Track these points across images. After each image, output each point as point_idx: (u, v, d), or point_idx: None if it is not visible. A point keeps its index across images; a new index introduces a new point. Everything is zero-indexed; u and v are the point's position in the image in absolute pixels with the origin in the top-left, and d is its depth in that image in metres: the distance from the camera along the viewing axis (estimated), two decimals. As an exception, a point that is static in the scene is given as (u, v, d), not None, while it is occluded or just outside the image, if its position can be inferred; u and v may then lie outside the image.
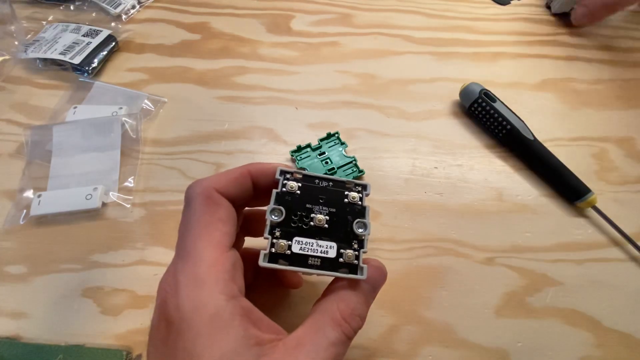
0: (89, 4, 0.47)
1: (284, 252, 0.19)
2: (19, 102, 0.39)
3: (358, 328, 0.19)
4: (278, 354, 0.17)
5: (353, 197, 0.21)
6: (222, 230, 0.19)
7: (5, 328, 0.27)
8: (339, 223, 0.20)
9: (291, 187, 0.20)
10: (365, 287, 0.19)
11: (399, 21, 0.47)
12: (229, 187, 0.20)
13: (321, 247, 0.19)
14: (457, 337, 0.28)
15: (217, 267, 0.17)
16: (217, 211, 0.19)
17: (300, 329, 0.18)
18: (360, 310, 0.19)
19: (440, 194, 0.34)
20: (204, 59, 0.43)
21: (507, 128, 0.35)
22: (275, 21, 0.47)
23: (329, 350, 0.17)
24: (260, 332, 0.17)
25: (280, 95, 0.40)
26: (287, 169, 0.21)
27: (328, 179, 0.21)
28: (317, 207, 0.20)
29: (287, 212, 0.19)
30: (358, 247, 0.19)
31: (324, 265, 0.19)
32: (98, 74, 0.41)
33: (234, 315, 0.17)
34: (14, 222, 0.32)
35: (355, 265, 0.19)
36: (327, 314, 0.18)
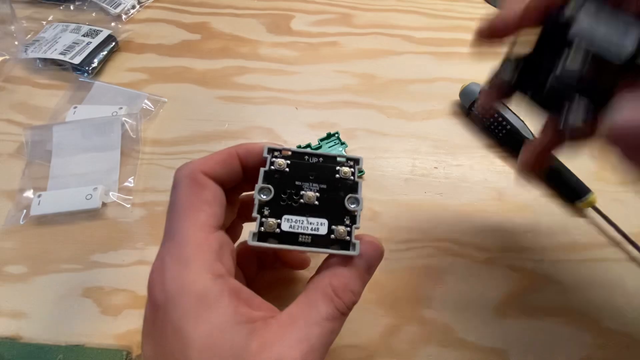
0: (89, 4, 0.47)
1: (273, 230, 0.18)
2: (19, 102, 0.39)
3: (351, 303, 0.18)
4: (270, 330, 0.16)
5: (344, 172, 0.20)
6: (208, 211, 0.18)
7: (5, 328, 0.27)
8: (330, 199, 0.19)
9: (279, 164, 0.19)
10: (359, 263, 0.19)
11: (399, 21, 0.47)
12: (215, 169, 0.20)
13: (312, 224, 0.19)
14: (457, 337, 0.28)
15: (203, 248, 0.17)
16: (203, 193, 0.19)
17: (292, 306, 0.18)
18: (353, 285, 0.19)
19: (440, 194, 0.34)
20: (204, 59, 0.43)
21: (507, 128, 0.35)
22: (275, 21, 0.47)
23: (321, 325, 0.17)
24: (251, 310, 0.17)
25: (280, 95, 0.40)
26: (275, 146, 0.20)
27: (318, 154, 0.20)
28: (307, 184, 0.19)
29: (276, 190, 0.19)
30: (350, 223, 0.19)
31: (315, 242, 0.19)
32: (98, 74, 0.41)
33: (222, 293, 0.16)
34: (14, 222, 0.32)
35: (348, 242, 0.19)
36: (319, 289, 0.18)
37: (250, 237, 0.18)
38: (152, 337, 0.17)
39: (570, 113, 0.18)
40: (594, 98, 0.18)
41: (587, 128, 0.18)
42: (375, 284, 0.29)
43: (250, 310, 0.17)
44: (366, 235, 0.20)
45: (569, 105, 0.18)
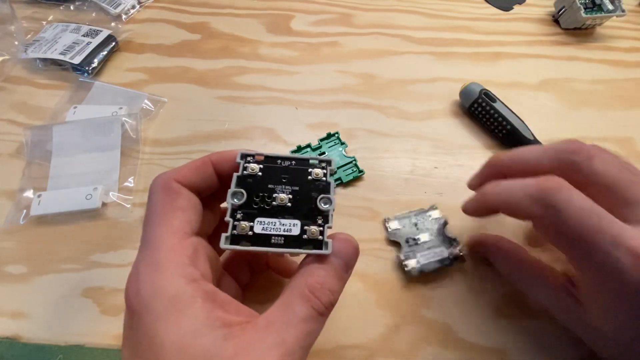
0: (89, 4, 0.47)
1: (246, 233, 0.19)
2: (19, 102, 0.39)
3: (329, 303, 0.18)
4: (246, 335, 0.16)
5: (317, 173, 0.20)
6: (182, 218, 0.19)
7: (5, 328, 0.27)
8: (303, 201, 0.20)
9: (252, 169, 0.20)
10: (335, 262, 0.19)
11: (399, 21, 0.47)
12: (190, 177, 0.20)
13: (284, 226, 0.19)
14: (457, 337, 0.28)
15: (176, 252, 0.17)
16: (176, 200, 0.19)
17: (270, 309, 0.18)
18: (330, 284, 0.18)
19: (440, 194, 0.34)
20: (204, 59, 0.43)
21: (507, 128, 0.35)
22: (275, 21, 0.47)
23: (299, 327, 0.17)
24: (227, 315, 0.17)
25: (280, 95, 0.40)
26: (248, 152, 0.20)
27: (291, 157, 0.21)
28: (280, 186, 0.20)
29: (249, 194, 0.19)
30: (323, 223, 0.19)
31: (288, 243, 0.19)
32: (98, 74, 0.41)
33: (195, 298, 0.16)
34: (14, 222, 0.32)
35: (321, 241, 0.19)
36: (295, 290, 0.18)
37: (223, 240, 0.18)
38: (129, 343, 0.17)
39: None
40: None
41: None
42: (375, 284, 0.29)
43: (226, 315, 0.17)
44: (340, 233, 0.20)
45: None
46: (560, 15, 0.47)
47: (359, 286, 0.29)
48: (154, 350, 0.15)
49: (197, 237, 0.19)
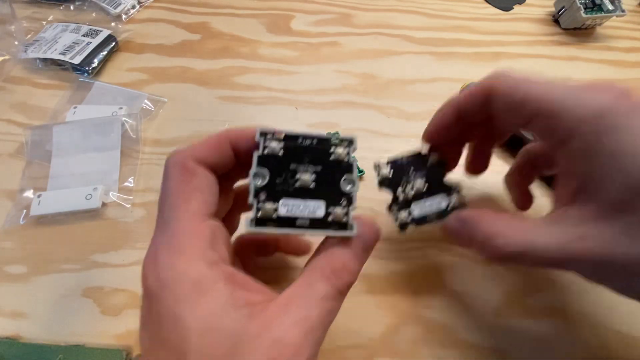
0: (89, 4, 0.47)
1: (271, 215, 0.18)
2: (19, 102, 0.39)
3: (349, 282, 0.18)
4: (269, 312, 0.16)
5: (339, 153, 0.20)
6: (200, 199, 0.18)
7: (5, 328, 0.27)
8: (325, 181, 0.19)
9: (273, 148, 0.19)
10: (356, 244, 0.19)
11: (399, 21, 0.47)
12: (206, 155, 0.19)
13: (309, 208, 0.19)
14: (457, 337, 0.28)
15: (195, 236, 0.17)
16: (194, 180, 0.18)
17: (290, 287, 0.18)
18: (351, 265, 0.19)
19: (440, 194, 0.34)
20: (204, 59, 0.43)
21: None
22: (275, 21, 0.47)
23: (320, 304, 0.17)
24: (249, 294, 0.17)
25: (280, 95, 0.40)
26: (267, 129, 0.19)
27: (312, 136, 0.20)
28: (302, 166, 0.19)
29: (271, 174, 0.19)
30: (347, 205, 0.19)
31: (313, 225, 0.18)
32: (98, 74, 0.41)
33: (217, 280, 0.16)
34: (14, 222, 0.32)
35: (345, 223, 0.19)
36: (317, 269, 0.18)
37: (248, 223, 0.18)
38: (148, 326, 0.17)
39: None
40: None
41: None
42: (376, 284, 0.29)
43: (248, 294, 0.17)
44: (363, 216, 0.20)
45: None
46: (560, 16, 0.47)
47: (359, 286, 0.29)
48: (180, 333, 0.15)
49: (214, 219, 0.19)
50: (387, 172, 0.23)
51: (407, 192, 0.24)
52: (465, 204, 0.21)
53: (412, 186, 0.21)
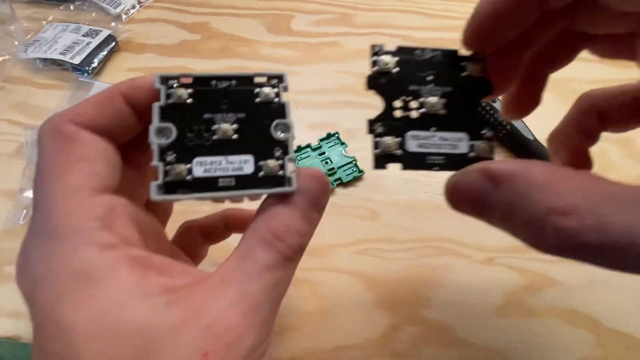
0: (89, 4, 0.47)
1: (184, 178, 0.15)
2: (19, 102, 0.39)
3: (297, 246, 0.15)
4: (199, 295, 0.13)
5: (267, 94, 0.16)
6: (85, 170, 0.14)
7: (5, 328, 0.27)
8: (252, 130, 0.16)
9: (179, 95, 0.16)
10: (300, 200, 0.16)
11: (399, 21, 0.47)
12: (92, 116, 0.15)
13: (233, 164, 0.15)
14: (457, 337, 0.28)
15: (79, 215, 0.13)
16: (75, 148, 0.15)
17: (224, 262, 0.15)
18: (297, 225, 0.15)
19: (440, 194, 0.34)
20: (204, 59, 0.43)
21: (507, 128, 0.35)
22: (275, 21, 0.47)
23: (263, 276, 0.14)
24: (169, 279, 0.14)
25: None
26: (169, 73, 0.16)
27: (230, 76, 0.16)
28: (220, 115, 0.16)
29: (180, 128, 0.15)
30: (282, 155, 0.16)
31: (240, 184, 0.15)
32: (98, 74, 0.41)
33: (115, 266, 0.13)
34: (14, 222, 0.32)
35: (282, 177, 0.16)
36: (255, 236, 0.15)
37: (154, 190, 0.14)
38: (34, 340, 0.13)
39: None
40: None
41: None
42: (375, 284, 0.29)
43: (166, 280, 0.14)
44: (305, 168, 0.17)
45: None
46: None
47: (359, 286, 0.29)
48: (64, 341, 0.12)
49: (114, 195, 0.15)
50: (390, 63, 0.17)
51: (409, 108, 0.17)
52: (492, 158, 0.16)
53: (423, 101, 0.16)
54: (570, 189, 0.12)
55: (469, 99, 0.16)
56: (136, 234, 0.15)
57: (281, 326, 0.27)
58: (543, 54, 0.20)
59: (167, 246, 0.21)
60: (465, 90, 0.17)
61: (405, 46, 0.17)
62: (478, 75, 0.17)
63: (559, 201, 0.12)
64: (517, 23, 0.16)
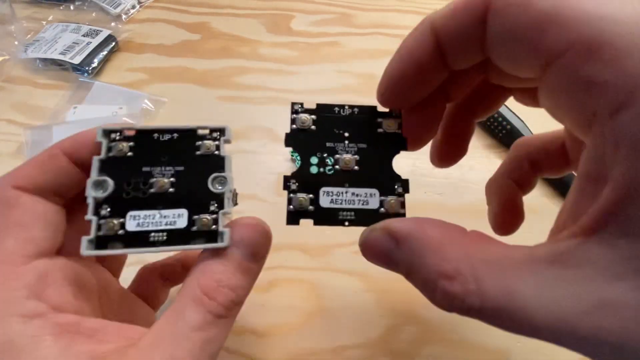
0: (89, 4, 0.47)
1: (116, 232, 0.15)
2: (19, 102, 0.39)
3: (230, 302, 0.15)
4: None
5: (207, 146, 0.16)
6: (20, 237, 0.15)
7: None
8: (190, 183, 0.16)
9: (119, 149, 0.16)
10: (236, 252, 0.15)
11: (399, 21, 0.47)
12: (34, 179, 0.16)
13: (166, 218, 0.15)
14: (457, 337, 0.28)
15: (7, 284, 0.14)
16: (12, 213, 0.15)
17: (157, 322, 0.14)
18: (230, 280, 0.15)
19: (440, 194, 0.34)
20: (204, 59, 0.43)
21: (507, 128, 0.35)
22: (275, 21, 0.47)
23: (192, 337, 0.14)
24: (99, 345, 0.14)
25: (280, 95, 0.40)
26: (112, 127, 0.16)
27: (172, 129, 0.16)
28: (159, 168, 0.16)
29: (117, 182, 0.15)
30: (217, 209, 0.16)
31: (172, 239, 0.15)
32: (98, 74, 0.41)
33: (40, 337, 0.13)
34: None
35: (215, 232, 0.15)
36: (186, 294, 0.15)
37: (84, 245, 0.15)
38: None
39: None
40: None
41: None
42: (375, 284, 0.29)
43: (97, 345, 0.14)
44: (244, 217, 0.16)
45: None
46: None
47: (359, 286, 0.29)
48: None
49: (53, 257, 0.15)
50: (308, 121, 0.17)
51: (325, 165, 0.17)
52: (402, 213, 0.16)
53: (337, 158, 0.16)
54: (457, 253, 0.13)
55: (383, 155, 0.17)
56: (70, 298, 0.15)
57: (281, 326, 0.27)
58: (466, 104, 0.20)
59: (117, 298, 0.20)
60: (380, 147, 0.17)
61: (325, 104, 0.17)
62: (393, 131, 0.17)
63: (446, 265, 0.13)
64: (425, 84, 0.16)
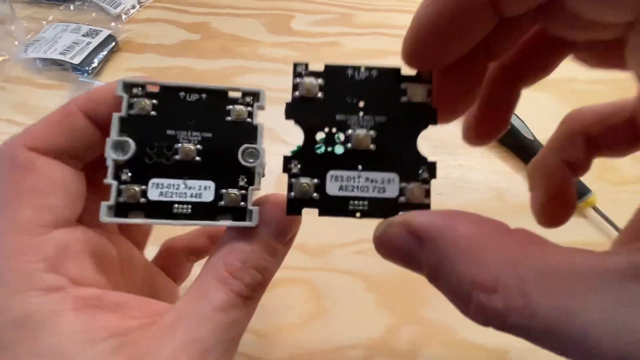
0: (89, 4, 0.47)
1: (137, 200, 0.14)
2: (19, 102, 0.39)
3: (256, 284, 0.14)
4: (148, 338, 0.13)
5: (238, 113, 0.15)
6: (37, 204, 0.13)
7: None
8: (217, 153, 0.14)
9: (142, 106, 0.14)
10: (264, 232, 0.14)
11: (399, 21, 0.47)
12: (50, 139, 0.14)
13: (191, 189, 0.14)
14: (457, 337, 0.28)
15: (24, 257, 0.13)
16: (27, 179, 0.14)
17: (180, 300, 0.14)
18: (257, 261, 0.14)
19: (440, 194, 0.34)
20: (204, 59, 0.43)
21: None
22: (275, 21, 0.47)
23: (215, 318, 0.13)
24: (122, 320, 0.13)
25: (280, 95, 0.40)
26: (134, 80, 0.14)
27: (201, 88, 0.15)
28: (185, 132, 0.14)
29: (139, 143, 0.14)
30: (247, 184, 0.14)
31: (197, 213, 0.14)
32: (98, 74, 0.41)
33: (60, 310, 0.12)
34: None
35: (243, 209, 0.14)
36: (211, 273, 0.14)
37: (104, 211, 0.13)
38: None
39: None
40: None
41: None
42: (375, 284, 0.29)
43: (120, 321, 0.13)
44: (275, 195, 0.15)
45: None
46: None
47: (359, 286, 0.29)
48: None
49: (73, 227, 0.14)
50: (315, 87, 0.15)
51: (334, 143, 0.14)
52: (427, 204, 0.14)
53: (349, 134, 0.14)
54: (498, 258, 0.10)
55: (407, 130, 0.14)
56: (91, 271, 0.14)
57: (281, 326, 0.27)
58: (514, 65, 0.16)
59: (140, 271, 0.19)
60: (402, 120, 0.14)
61: (335, 65, 0.14)
62: (420, 100, 0.14)
63: (484, 274, 0.10)
64: (467, 34, 0.13)
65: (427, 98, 0.14)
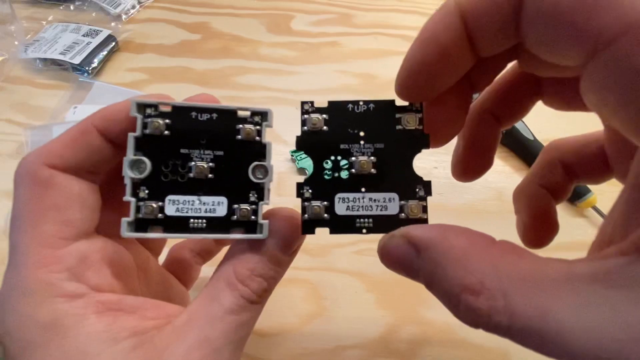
0: (89, 4, 0.47)
1: (155, 216, 0.15)
2: (19, 102, 0.39)
3: (262, 290, 0.15)
4: (163, 338, 0.14)
5: (248, 132, 0.15)
6: (58, 219, 0.15)
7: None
8: (229, 170, 0.15)
9: (156, 126, 0.15)
10: (271, 244, 0.16)
11: (399, 21, 0.47)
12: (67, 157, 0.15)
13: (206, 205, 0.15)
14: (457, 337, 0.28)
15: (49, 268, 0.14)
16: (48, 195, 0.15)
17: (192, 303, 0.15)
18: (262, 270, 0.15)
19: (440, 194, 0.34)
20: (204, 59, 0.43)
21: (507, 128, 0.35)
22: (275, 21, 0.47)
23: (225, 319, 0.14)
24: (140, 321, 0.14)
25: (280, 95, 0.40)
26: (147, 100, 0.15)
27: (211, 108, 0.15)
28: (197, 151, 0.15)
29: (155, 162, 0.15)
30: (257, 199, 0.15)
31: (212, 227, 0.15)
32: (98, 74, 0.41)
33: (83, 315, 0.14)
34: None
35: (254, 223, 0.15)
36: (221, 279, 0.15)
37: (124, 227, 0.14)
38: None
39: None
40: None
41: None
42: (376, 284, 0.29)
43: (138, 322, 0.14)
44: (282, 209, 0.16)
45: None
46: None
47: (359, 286, 0.29)
48: None
49: (92, 238, 0.16)
50: (319, 122, 0.16)
51: (340, 169, 0.16)
52: (424, 218, 0.15)
53: (352, 161, 0.15)
54: (483, 265, 0.12)
55: (403, 154, 0.15)
56: (109, 278, 0.16)
57: (281, 326, 0.27)
58: (491, 108, 0.19)
59: (155, 277, 0.20)
60: (399, 145, 0.16)
61: (337, 101, 0.16)
62: (413, 127, 0.16)
63: (471, 278, 0.11)
64: (451, 72, 0.15)
65: (420, 125, 0.16)
